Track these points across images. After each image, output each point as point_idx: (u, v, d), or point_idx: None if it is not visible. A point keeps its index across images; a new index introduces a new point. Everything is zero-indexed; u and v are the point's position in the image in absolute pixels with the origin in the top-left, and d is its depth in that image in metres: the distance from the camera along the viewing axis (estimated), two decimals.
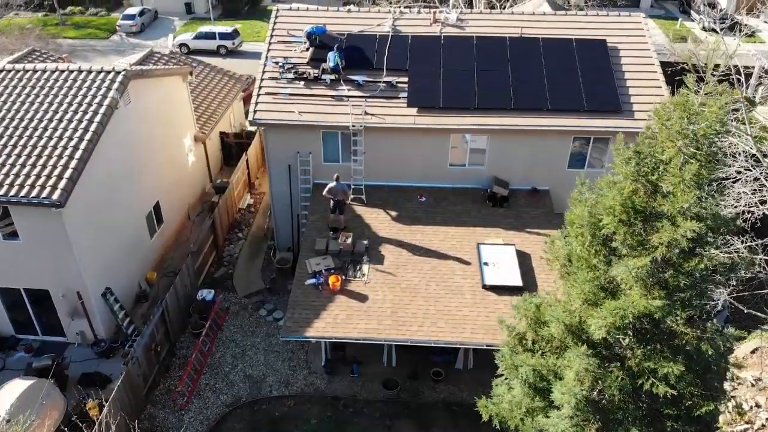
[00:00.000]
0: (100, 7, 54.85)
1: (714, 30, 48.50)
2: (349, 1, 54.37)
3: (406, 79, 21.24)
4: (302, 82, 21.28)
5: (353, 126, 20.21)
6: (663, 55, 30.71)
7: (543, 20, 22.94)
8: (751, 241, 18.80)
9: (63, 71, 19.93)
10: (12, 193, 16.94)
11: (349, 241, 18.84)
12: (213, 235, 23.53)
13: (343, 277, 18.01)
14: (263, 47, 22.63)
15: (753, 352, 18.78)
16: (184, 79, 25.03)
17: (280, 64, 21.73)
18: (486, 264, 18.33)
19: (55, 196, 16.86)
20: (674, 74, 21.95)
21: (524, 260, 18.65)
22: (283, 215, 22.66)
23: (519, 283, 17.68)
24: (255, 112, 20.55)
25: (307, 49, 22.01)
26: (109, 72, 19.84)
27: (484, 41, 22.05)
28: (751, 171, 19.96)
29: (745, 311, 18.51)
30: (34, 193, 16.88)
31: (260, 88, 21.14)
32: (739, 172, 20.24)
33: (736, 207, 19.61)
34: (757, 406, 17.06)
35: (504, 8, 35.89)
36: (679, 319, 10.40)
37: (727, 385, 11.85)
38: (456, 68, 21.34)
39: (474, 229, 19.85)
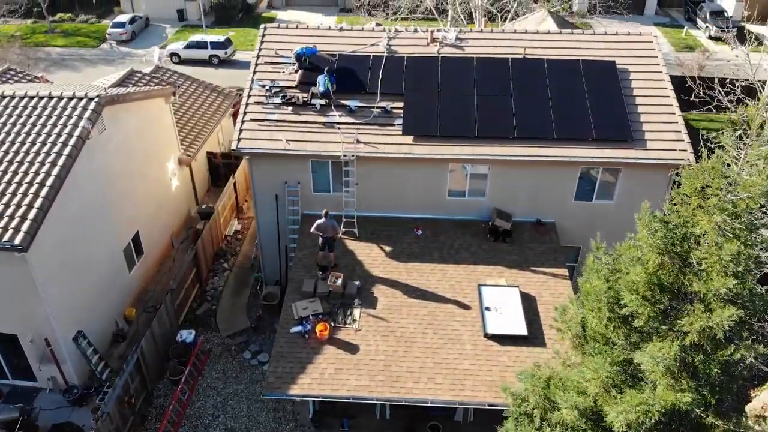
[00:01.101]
0: (90, 13, 53.37)
1: (720, 39, 47.41)
2: (345, 8, 53.25)
3: (401, 104, 19.83)
4: (290, 107, 19.86)
5: (344, 156, 18.79)
6: (670, 66, 29.20)
7: (547, 39, 21.52)
8: None
9: (31, 98, 18.50)
10: None
11: (339, 282, 17.42)
12: (196, 268, 22.09)
13: (332, 324, 16.60)
14: (251, 63, 21.23)
15: None
16: (166, 101, 23.60)
17: (267, 87, 20.31)
18: (488, 309, 16.92)
19: (17, 240, 15.43)
20: (681, 87, 20.57)
21: (529, 304, 17.23)
22: (270, 247, 21.24)
23: (524, 332, 16.27)
24: (239, 140, 19.12)
25: (296, 71, 20.59)
26: (80, 98, 18.42)
27: (485, 63, 20.62)
28: None
29: None
30: None
31: (245, 113, 19.72)
32: None
33: None
34: None
35: (505, 19, 34.47)
36: (709, 411, 8.99)
37: None
38: (455, 92, 19.91)
39: (474, 267, 18.43)
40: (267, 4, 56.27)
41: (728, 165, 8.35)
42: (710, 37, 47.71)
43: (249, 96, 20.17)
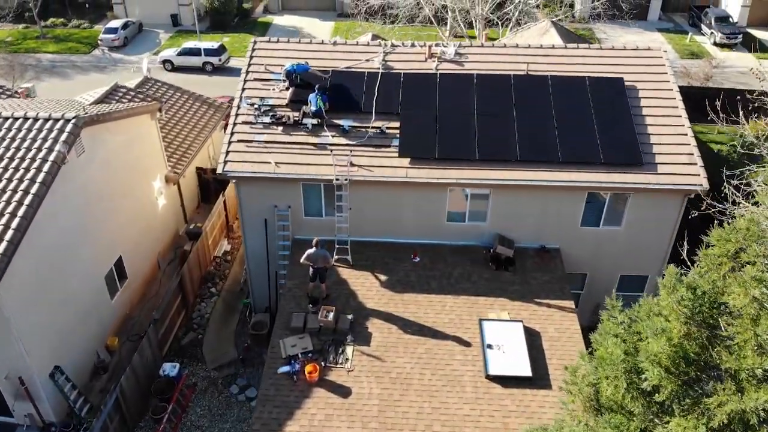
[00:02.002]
0: (83, 18, 52.25)
1: (726, 45, 46.34)
2: (343, 12, 52.14)
3: (397, 124, 18.77)
4: (280, 127, 18.81)
5: (337, 180, 17.73)
6: (675, 75, 28.05)
7: (551, 54, 20.46)
8: None
9: (5, 119, 17.42)
10: None
11: (331, 317, 16.35)
12: (182, 294, 21.02)
13: (323, 364, 15.53)
14: (240, 78, 20.21)
15: None
16: (152, 117, 22.53)
17: (256, 105, 19.26)
18: (489, 347, 15.85)
19: None
20: (688, 100, 19.58)
21: (533, 341, 16.17)
22: (260, 273, 20.17)
23: (528, 373, 15.20)
24: (225, 162, 18.06)
25: (287, 89, 19.53)
26: (57, 120, 17.34)
27: (486, 80, 19.56)
28: None
29: None
30: None
31: (232, 134, 18.66)
32: None
33: None
34: None
35: (506, 26, 33.40)
36: None
37: None
38: (454, 112, 18.86)
39: (476, 299, 17.37)
40: (263, 9, 55.21)
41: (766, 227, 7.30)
42: (715, 44, 46.64)
43: (237, 115, 19.11)
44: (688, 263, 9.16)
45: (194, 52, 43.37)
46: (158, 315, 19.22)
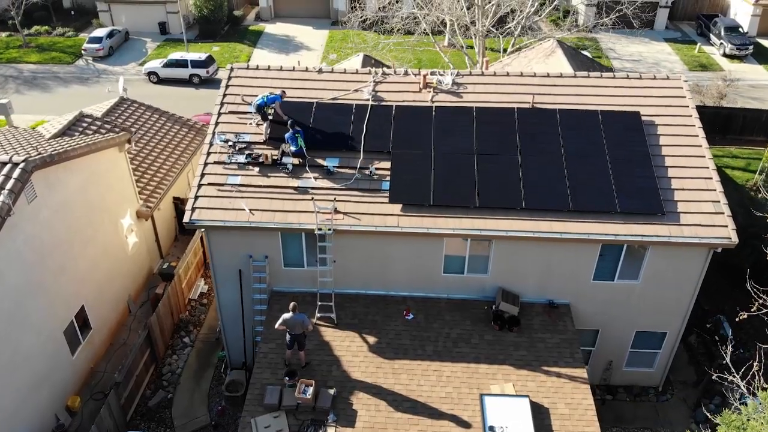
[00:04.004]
0: (67, 26, 50.16)
1: (736, 57, 44.28)
2: (337, 20, 50.05)
3: (388, 165, 16.78)
4: (257, 168, 16.81)
5: (320, 230, 15.73)
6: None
7: (559, 84, 18.46)
8: None
9: None
10: None
11: (310, 392, 14.34)
12: (150, 348, 19.00)
13: None
14: (214, 110, 18.20)
15: None
16: (120, 149, 20.53)
17: (230, 142, 17.25)
18: (492, 429, 13.85)
19: None
20: (700, 119, 17.67)
21: (541, 420, 14.19)
22: (234, 328, 18.16)
23: None
24: (192, 210, 16.01)
25: (259, 124, 17.54)
26: (3, 164, 15.32)
27: (487, 114, 17.57)
28: None
29: None
30: None
31: (202, 176, 16.64)
32: None
33: None
34: None
35: (507, 35, 31.34)
36: None
37: None
38: (451, 151, 16.86)
39: (476, 366, 15.38)
40: (255, 17, 53.18)
41: None
42: (725, 55, 44.64)
43: (208, 153, 17.10)
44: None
45: (181, 63, 41.41)
46: (121, 378, 17.19)
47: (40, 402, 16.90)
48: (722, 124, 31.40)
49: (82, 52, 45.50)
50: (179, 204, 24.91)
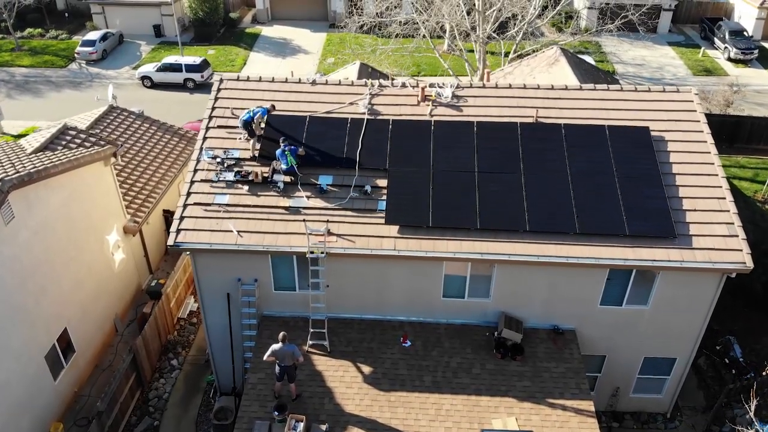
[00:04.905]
0: (61, 29, 49.25)
1: (741, 61, 43.40)
2: (336, 23, 49.16)
3: (384, 182, 15.94)
4: (246, 186, 15.96)
5: (312, 253, 14.89)
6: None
7: (563, 97, 17.63)
8: None
9: None
10: None
11: (300, 429, 13.51)
12: (136, 372, 18.17)
13: None
14: (202, 125, 17.35)
15: None
16: (106, 163, 19.69)
17: (219, 159, 16.41)
18: None
19: None
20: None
21: None
22: (223, 353, 17.32)
23: None
24: (177, 231, 15.16)
25: (247, 139, 16.71)
26: None
27: (488, 129, 16.73)
28: None
29: None
30: None
31: (188, 195, 15.79)
32: None
33: None
34: None
35: (506, 38, 30.45)
36: None
37: None
38: (451, 168, 16.01)
39: (477, 399, 14.54)
40: (252, 19, 52.29)
41: None
42: (729, 59, 43.78)
43: (195, 171, 16.26)
44: None
45: (175, 67, 40.56)
46: (103, 406, 16.35)
47: (21, 430, 16.08)
48: (729, 132, 30.57)
49: (75, 55, 44.62)
50: (169, 217, 24.03)
